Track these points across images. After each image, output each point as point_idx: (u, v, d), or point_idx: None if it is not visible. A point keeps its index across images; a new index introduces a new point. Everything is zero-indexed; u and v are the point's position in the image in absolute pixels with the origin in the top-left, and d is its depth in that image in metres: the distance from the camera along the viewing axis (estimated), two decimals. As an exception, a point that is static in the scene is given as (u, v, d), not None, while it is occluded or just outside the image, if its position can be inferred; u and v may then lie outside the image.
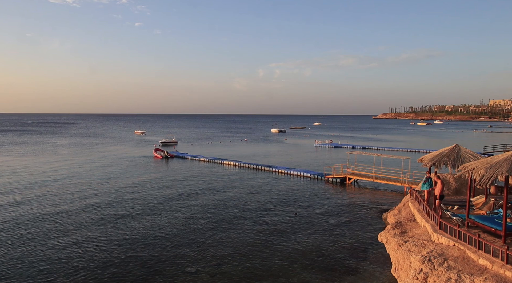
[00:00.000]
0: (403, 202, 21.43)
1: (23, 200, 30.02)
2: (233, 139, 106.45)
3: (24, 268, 17.08)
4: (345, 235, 22.05)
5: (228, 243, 20.47)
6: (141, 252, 19.13)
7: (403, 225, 17.33)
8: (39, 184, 36.73)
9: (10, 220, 24.45)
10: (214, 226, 23.60)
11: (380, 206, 28.91)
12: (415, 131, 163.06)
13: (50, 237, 21.23)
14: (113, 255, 18.69)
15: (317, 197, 32.28)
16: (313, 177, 41.84)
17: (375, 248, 19.59)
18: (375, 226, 23.70)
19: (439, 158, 19.26)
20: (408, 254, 13.60)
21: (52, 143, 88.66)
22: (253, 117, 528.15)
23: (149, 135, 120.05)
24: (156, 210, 27.35)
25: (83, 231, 22.32)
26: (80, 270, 16.89)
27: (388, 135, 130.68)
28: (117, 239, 21.05)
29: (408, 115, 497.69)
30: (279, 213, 26.67)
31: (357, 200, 31.11)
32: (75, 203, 29.11)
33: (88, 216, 25.55)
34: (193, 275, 16.49)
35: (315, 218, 25.51)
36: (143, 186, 36.03)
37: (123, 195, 32.25)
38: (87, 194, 32.57)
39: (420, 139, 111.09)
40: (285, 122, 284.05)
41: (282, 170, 45.61)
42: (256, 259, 18.31)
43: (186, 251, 19.30)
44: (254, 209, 27.85)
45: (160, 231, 22.42)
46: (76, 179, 39.86)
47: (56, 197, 31.16)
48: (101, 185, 36.37)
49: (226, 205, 28.88)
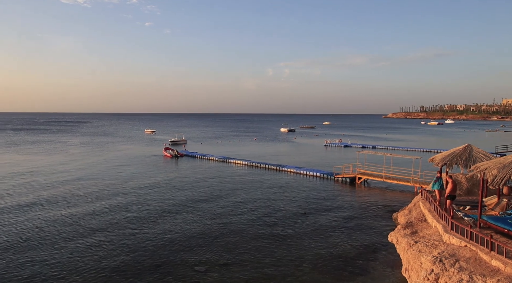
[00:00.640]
0: (414, 202, 21.24)
1: (36, 200, 30.39)
2: (242, 138, 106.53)
3: (36, 267, 17.29)
4: (355, 235, 21.92)
5: (237, 242, 20.48)
6: (150, 250, 19.23)
7: (413, 225, 17.17)
8: (52, 184, 37.16)
9: (26, 221, 24.80)
10: (223, 225, 23.63)
11: (390, 206, 28.68)
12: (426, 131, 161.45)
13: (61, 236, 21.45)
14: (122, 253, 18.81)
15: (327, 196, 32.15)
16: (323, 176, 41.67)
17: (385, 248, 19.44)
18: (385, 226, 23.51)
19: (450, 158, 19.04)
20: (419, 255, 13.46)
21: (64, 142, 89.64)
22: (262, 117, 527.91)
23: (159, 135, 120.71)
24: (165, 209, 27.48)
25: (93, 230, 22.51)
26: (90, 268, 17.05)
27: (399, 134, 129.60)
28: (127, 237, 21.18)
29: (418, 114, 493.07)
30: (288, 213, 26.61)
31: (366, 200, 30.91)
32: (86, 203, 29.41)
33: (98, 215, 25.78)
34: (202, 274, 16.52)
35: (324, 218, 25.40)
36: (152, 185, 36.23)
37: (133, 194, 32.48)
38: (98, 193, 32.86)
39: (431, 139, 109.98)
40: (295, 121, 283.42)
41: (292, 169, 45.51)
42: (265, 258, 18.29)
43: (195, 250, 19.35)
44: (263, 208, 27.83)
45: (169, 230, 22.52)
46: (87, 178, 40.25)
47: (67, 196, 31.50)
48: (111, 185, 36.68)
49: (235, 204, 28.91)
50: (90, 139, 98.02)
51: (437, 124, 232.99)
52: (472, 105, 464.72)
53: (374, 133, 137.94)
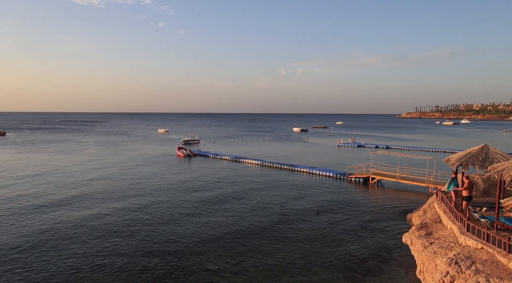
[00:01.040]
0: (429, 203, 20.95)
1: (50, 200, 30.86)
2: (255, 138, 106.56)
3: (53, 263, 17.56)
4: (368, 235, 21.71)
5: (249, 241, 20.47)
6: (163, 248, 19.36)
7: (428, 226, 16.93)
8: (67, 184, 37.70)
9: (41, 221, 25.22)
10: (236, 223, 23.65)
11: (404, 206, 28.34)
12: (441, 131, 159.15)
13: (76, 234, 21.75)
14: (136, 251, 18.98)
15: (340, 196, 31.93)
16: (336, 176, 41.41)
17: (399, 249, 19.21)
18: (399, 227, 23.24)
19: (466, 158, 18.69)
20: (434, 256, 13.26)
21: (79, 141, 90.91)
22: (275, 116, 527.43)
23: (172, 134, 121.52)
24: (178, 208, 27.64)
25: (107, 228, 22.77)
26: (105, 265, 17.24)
27: (413, 134, 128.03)
28: (140, 235, 21.37)
29: (433, 114, 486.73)
30: (301, 212, 26.50)
31: (380, 200, 30.60)
32: (101, 202, 29.78)
33: (112, 215, 26.06)
34: (214, 272, 16.56)
35: (337, 218, 25.22)
36: (166, 185, 36.49)
37: (146, 193, 32.75)
38: (112, 194, 33.24)
39: (446, 139, 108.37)
40: (307, 121, 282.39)
41: (304, 169, 45.33)
42: (277, 258, 18.25)
43: (207, 248, 19.41)
44: (275, 207, 27.78)
45: (181, 228, 22.64)
46: (102, 178, 40.75)
47: (82, 196, 31.95)
48: (125, 185, 37.06)
49: (247, 204, 28.91)
50: (104, 139, 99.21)
51: (453, 124, 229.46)
52: (489, 105, 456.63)
53: (388, 133, 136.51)
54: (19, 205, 28.14)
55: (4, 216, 25.18)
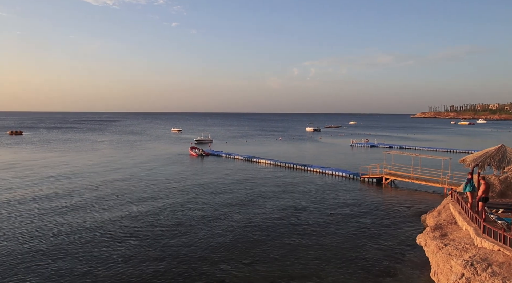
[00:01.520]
0: (443, 203, 20.72)
1: (67, 201, 31.34)
2: (268, 137, 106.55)
3: (68, 261, 17.87)
4: (381, 236, 21.55)
5: (262, 242, 20.50)
6: (176, 247, 19.52)
7: (443, 227, 16.73)
8: (82, 184, 38.23)
9: (56, 221, 25.64)
10: (249, 224, 23.71)
11: (418, 207, 28.03)
12: (456, 131, 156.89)
13: (91, 232, 22.08)
14: (150, 250, 19.18)
15: (353, 197, 31.74)
16: (349, 176, 41.17)
17: (413, 251, 19.02)
18: (413, 228, 23.00)
19: (483, 159, 18.44)
20: (449, 258, 13.10)
21: (94, 140, 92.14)
22: (287, 116, 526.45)
23: (185, 134, 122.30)
24: (190, 207, 27.82)
25: (121, 226, 23.05)
26: (119, 264, 17.46)
27: (427, 135, 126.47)
28: (154, 234, 21.58)
29: (448, 114, 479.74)
30: (314, 213, 26.43)
31: (394, 201, 30.33)
32: (116, 199, 30.16)
33: (125, 214, 26.37)
34: (227, 272, 16.63)
35: (350, 218, 25.09)
36: (178, 185, 36.76)
37: (159, 193, 33.04)
38: (126, 193, 33.62)
39: (461, 139, 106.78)
40: (320, 121, 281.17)
41: (317, 169, 45.18)
42: (290, 258, 18.24)
43: (220, 248, 19.49)
44: (288, 207, 27.75)
45: (195, 228, 22.79)
46: (116, 177, 41.26)
47: (97, 195, 32.40)
48: (140, 184, 37.46)
49: (260, 204, 28.94)
50: (119, 138, 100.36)
51: (468, 124, 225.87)
52: (506, 105, 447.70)
53: (402, 133, 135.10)
54: (36, 205, 28.68)
55: (20, 216, 25.69)
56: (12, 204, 28.33)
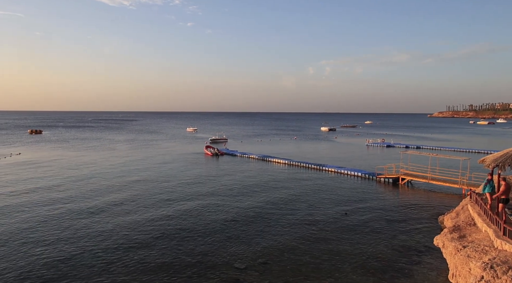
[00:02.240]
0: (462, 204, 20.34)
1: (85, 198, 31.86)
2: (283, 137, 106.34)
3: (86, 257, 18.16)
4: (397, 237, 21.27)
5: (277, 241, 20.47)
6: (191, 245, 19.64)
7: (461, 229, 16.42)
8: (99, 184, 38.80)
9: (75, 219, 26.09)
10: (264, 223, 23.70)
11: (435, 208, 27.59)
12: (475, 130, 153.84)
13: (104, 230, 22.39)
14: (164, 248, 19.35)
15: (368, 197, 31.42)
16: (364, 176, 40.79)
17: (430, 252, 18.73)
18: (430, 229, 22.64)
19: (503, 159, 17.98)
20: (468, 260, 12.85)
21: (111, 139, 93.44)
22: (302, 115, 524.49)
23: (200, 133, 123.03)
24: (205, 206, 27.96)
25: (135, 222, 23.31)
26: (134, 260, 17.66)
27: (445, 134, 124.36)
28: (169, 232, 21.76)
29: (467, 113, 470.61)
30: (329, 212, 26.26)
31: (410, 201, 29.91)
32: (132, 199, 30.53)
33: (143, 212, 26.66)
34: (241, 271, 16.65)
35: (366, 218, 24.84)
36: (194, 184, 36.99)
37: (176, 191, 33.31)
38: (144, 191, 34.00)
39: (480, 139, 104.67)
40: (335, 120, 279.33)
41: (332, 169, 44.89)
42: (305, 258, 18.15)
43: (235, 247, 19.54)
44: (303, 207, 27.64)
45: (209, 226, 22.89)
46: (134, 176, 41.75)
47: (114, 194, 32.84)
48: (156, 183, 37.84)
49: (275, 203, 28.90)
50: (135, 137, 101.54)
51: (488, 124, 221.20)
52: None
53: (419, 133, 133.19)
54: (53, 206, 29.23)
55: (39, 217, 26.22)
56: (31, 204, 28.95)
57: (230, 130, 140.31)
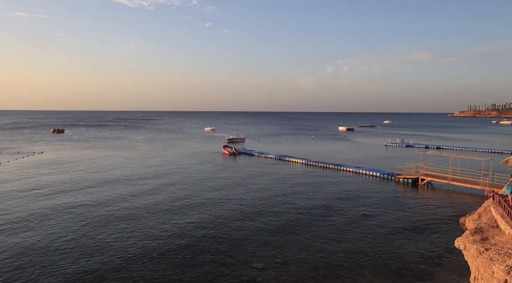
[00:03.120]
0: (484, 206, 19.93)
1: (104, 196, 32.43)
2: (300, 137, 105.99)
3: (105, 255, 18.50)
4: (417, 238, 20.96)
5: (294, 242, 20.44)
6: (209, 244, 19.79)
7: (484, 231, 16.08)
8: (119, 180, 39.41)
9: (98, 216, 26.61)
10: (281, 223, 23.70)
11: (456, 209, 27.07)
12: (498, 130, 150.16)
13: (127, 228, 22.75)
14: (184, 247, 19.55)
15: (387, 197, 31.05)
16: (383, 176, 40.32)
17: (451, 254, 18.41)
18: (451, 230, 22.24)
19: (527, 160, 17.56)
20: (490, 263, 12.58)
21: (130, 138, 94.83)
22: (320, 115, 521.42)
23: (217, 132, 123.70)
24: (223, 206, 28.12)
25: (154, 220, 23.62)
26: (154, 259, 17.91)
27: (466, 134, 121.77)
28: (187, 231, 21.97)
29: (489, 113, 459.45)
30: (347, 213, 26.07)
31: (430, 202, 29.42)
32: (151, 197, 30.93)
33: (161, 210, 26.99)
34: (259, 271, 16.69)
35: (384, 219, 24.56)
36: (212, 183, 37.24)
37: (194, 189, 33.61)
38: (162, 189, 34.40)
39: (504, 139, 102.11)
40: (353, 120, 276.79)
41: (350, 169, 44.52)
42: (323, 258, 18.08)
43: (253, 247, 19.60)
44: (321, 207, 27.51)
45: (227, 226, 23.02)
46: (153, 175, 42.30)
47: (135, 191, 33.34)
48: (175, 181, 38.24)
49: (293, 203, 28.85)
50: (154, 136, 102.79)
51: (511, 124, 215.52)
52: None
53: (439, 133, 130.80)
54: (73, 206, 29.85)
55: (63, 217, 26.80)
56: (54, 205, 29.65)
57: (248, 130, 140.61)
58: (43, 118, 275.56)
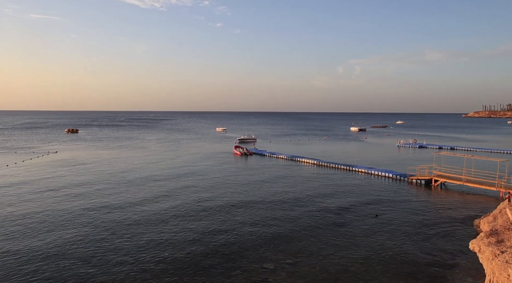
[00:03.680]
0: (500, 208, 19.61)
1: (119, 200, 32.74)
2: (311, 137, 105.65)
3: (118, 254, 18.69)
4: (431, 240, 20.71)
5: (305, 243, 20.37)
6: (220, 245, 19.83)
7: (499, 233, 15.82)
8: (134, 180, 39.77)
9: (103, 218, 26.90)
10: (293, 224, 23.64)
11: (470, 211, 26.67)
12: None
13: (140, 228, 22.95)
14: (195, 247, 19.63)
15: (400, 198, 30.75)
16: (395, 177, 39.93)
17: (465, 257, 18.14)
18: (465, 232, 21.92)
19: (544, 161, 17.23)
20: (506, 266, 12.38)
21: (142, 139, 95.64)
22: (332, 115, 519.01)
23: (229, 133, 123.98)
24: (234, 206, 28.17)
25: (168, 223, 23.77)
26: (166, 258, 18.03)
27: (481, 135, 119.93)
28: (199, 231, 22.06)
29: (505, 113, 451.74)
30: (359, 214, 25.89)
31: (444, 204, 29.05)
32: (164, 196, 31.16)
33: (174, 209, 27.16)
34: (270, 271, 16.67)
35: (397, 221, 24.33)
36: (223, 183, 37.34)
37: (206, 190, 33.74)
38: (175, 189, 34.62)
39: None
40: (366, 120, 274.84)
41: (362, 169, 44.20)
42: (334, 260, 17.98)
43: (264, 248, 19.59)
44: (332, 208, 27.38)
45: (239, 226, 23.05)
46: (165, 174, 42.59)
47: (148, 191, 33.61)
48: (187, 181, 38.44)
49: (304, 204, 28.76)
50: (166, 136, 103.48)
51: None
52: None
53: (453, 133, 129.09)
54: (84, 204, 30.21)
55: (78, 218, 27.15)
56: (66, 203, 30.05)
57: (259, 130, 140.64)
58: (57, 118, 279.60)
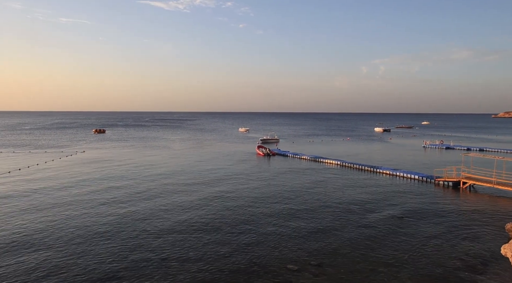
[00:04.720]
0: (533, 212, 18.89)
1: (139, 194, 33.32)
2: (335, 138, 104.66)
3: (140, 252, 19.02)
4: (459, 244, 20.16)
5: (331, 244, 20.19)
6: (244, 246, 19.87)
7: (532, 238, 15.26)
8: (159, 180, 40.38)
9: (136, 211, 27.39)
10: (317, 225, 23.47)
11: (502, 215, 25.82)
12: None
13: (163, 228, 23.27)
14: (219, 247, 19.76)
15: (426, 200, 30.06)
16: (421, 179, 39.08)
17: (496, 262, 17.58)
18: (496, 237, 21.24)
19: None
20: (540, 273, 11.92)
21: (167, 139, 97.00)
22: (355, 116, 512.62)
23: (252, 133, 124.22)
24: (258, 206, 28.19)
25: (190, 224, 24.01)
26: (191, 259, 18.21)
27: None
28: (223, 232, 22.18)
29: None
30: (384, 216, 25.46)
31: (473, 207, 28.22)
32: (187, 196, 31.52)
33: (197, 210, 27.42)
34: (294, 272, 16.60)
35: (424, 224, 23.79)
36: (247, 184, 37.45)
37: (229, 191, 33.91)
38: (198, 189, 34.96)
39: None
40: (390, 121, 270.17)
41: (387, 171, 43.46)
42: (359, 262, 17.75)
43: (289, 248, 19.52)
44: (357, 210, 27.04)
45: (263, 227, 23.05)
46: (189, 174, 43.10)
47: (171, 190, 34.07)
48: (210, 181, 38.75)
49: (328, 205, 28.52)
50: (189, 137, 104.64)
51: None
52: None
53: (482, 134, 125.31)
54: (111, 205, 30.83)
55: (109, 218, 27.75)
56: (91, 201, 30.80)
57: (282, 131, 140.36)
58: (85, 119, 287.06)
